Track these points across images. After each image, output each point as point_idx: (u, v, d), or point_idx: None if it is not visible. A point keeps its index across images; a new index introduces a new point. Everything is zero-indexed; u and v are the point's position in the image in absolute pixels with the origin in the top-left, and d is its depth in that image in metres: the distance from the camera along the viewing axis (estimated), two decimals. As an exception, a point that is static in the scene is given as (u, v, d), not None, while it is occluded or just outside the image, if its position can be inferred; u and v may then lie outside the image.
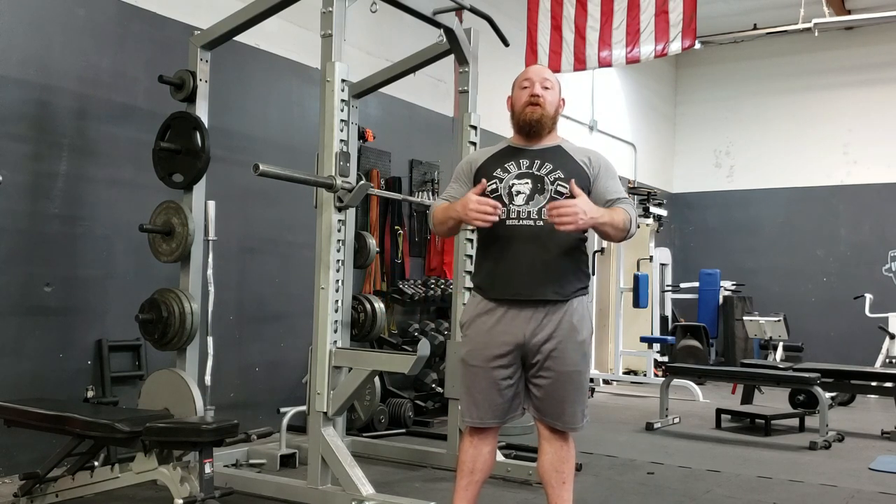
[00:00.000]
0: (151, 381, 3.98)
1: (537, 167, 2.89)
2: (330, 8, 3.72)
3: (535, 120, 2.92)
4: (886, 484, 4.52)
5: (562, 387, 2.83)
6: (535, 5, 7.44)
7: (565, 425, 2.87)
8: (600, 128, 10.04)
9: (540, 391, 2.85)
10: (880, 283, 10.38)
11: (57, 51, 4.28)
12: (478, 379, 2.86)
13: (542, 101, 2.92)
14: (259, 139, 5.40)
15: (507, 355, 2.82)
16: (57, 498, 3.57)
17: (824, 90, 11.09)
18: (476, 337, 2.89)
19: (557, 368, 2.81)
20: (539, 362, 2.82)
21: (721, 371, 7.60)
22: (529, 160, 2.91)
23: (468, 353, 2.91)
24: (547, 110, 2.94)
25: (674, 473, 4.69)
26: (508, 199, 2.86)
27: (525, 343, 2.81)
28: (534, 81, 2.95)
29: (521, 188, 2.86)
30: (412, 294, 6.25)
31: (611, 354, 9.37)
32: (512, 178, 2.88)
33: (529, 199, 2.84)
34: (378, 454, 4.78)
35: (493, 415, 2.87)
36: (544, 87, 2.95)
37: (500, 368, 2.83)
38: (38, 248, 4.16)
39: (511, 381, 2.85)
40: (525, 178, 2.87)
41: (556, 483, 2.88)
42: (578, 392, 2.87)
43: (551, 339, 2.81)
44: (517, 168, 2.91)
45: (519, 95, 2.98)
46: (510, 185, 2.87)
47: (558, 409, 2.85)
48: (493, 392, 2.85)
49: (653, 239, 9.31)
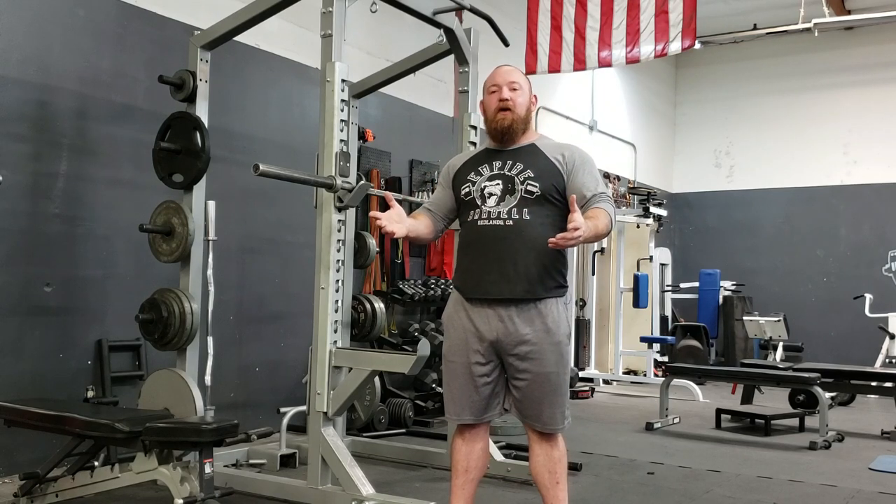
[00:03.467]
0: (151, 381, 3.98)
1: (508, 168, 2.92)
2: (330, 8, 3.72)
3: (506, 127, 2.96)
4: (886, 484, 4.52)
5: (538, 388, 2.85)
6: (535, 5, 7.44)
7: (544, 426, 2.89)
8: (600, 128, 10.04)
9: (518, 392, 2.88)
10: (880, 283, 10.38)
11: (57, 51, 4.28)
12: (456, 375, 2.92)
13: (512, 104, 2.95)
14: (259, 139, 5.40)
15: (482, 353, 2.86)
16: (57, 498, 3.57)
17: (824, 90, 11.08)
18: (453, 334, 2.95)
19: (534, 370, 2.84)
20: (515, 364, 2.85)
21: (721, 371, 7.60)
22: (502, 161, 2.96)
23: (447, 349, 2.98)
24: (518, 113, 2.96)
25: (674, 473, 4.69)
26: (481, 200, 2.91)
27: (497, 341, 2.84)
28: (500, 86, 2.98)
29: (493, 189, 2.91)
30: (412, 294, 6.24)
31: (611, 354, 9.37)
32: (484, 180, 2.94)
33: (500, 199, 2.88)
34: (378, 454, 4.78)
35: (470, 411, 2.91)
36: (512, 90, 2.97)
37: (476, 365, 2.87)
38: (38, 248, 4.16)
39: (488, 379, 2.89)
40: (496, 180, 2.92)
41: (550, 484, 2.90)
42: (556, 394, 2.88)
43: (526, 341, 2.82)
44: (490, 170, 2.95)
45: (489, 101, 3.01)
46: (482, 188, 2.92)
47: (536, 410, 2.87)
48: (470, 388, 2.89)
49: (653, 239, 9.31)
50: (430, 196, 3.18)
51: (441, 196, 3.09)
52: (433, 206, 3.11)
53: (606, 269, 9.72)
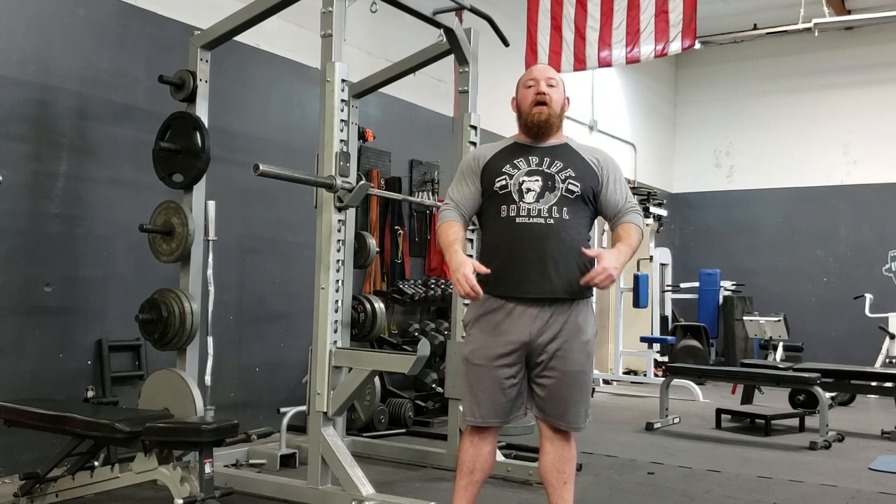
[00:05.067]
0: (151, 381, 3.98)
1: (547, 165, 2.87)
2: (330, 8, 3.72)
3: (542, 121, 2.91)
4: (886, 484, 4.52)
5: (566, 386, 2.82)
6: (535, 5, 7.44)
7: (568, 425, 2.86)
8: (600, 128, 10.04)
9: (544, 391, 2.84)
10: (880, 283, 10.37)
11: (57, 51, 4.27)
12: (481, 378, 2.85)
13: (549, 98, 2.91)
14: (259, 139, 5.40)
15: (511, 354, 2.81)
16: (57, 498, 3.57)
17: (824, 90, 11.08)
18: (481, 335, 2.87)
19: (562, 368, 2.81)
20: (544, 362, 2.81)
21: (721, 371, 7.59)
22: (539, 157, 2.89)
23: (472, 351, 2.88)
24: (553, 109, 2.92)
25: (674, 473, 4.69)
26: (518, 196, 2.83)
27: (530, 342, 2.80)
28: (538, 80, 2.93)
29: (532, 185, 2.83)
30: (412, 294, 6.24)
31: (611, 354, 9.37)
32: (522, 174, 2.86)
33: (539, 196, 2.82)
34: (378, 454, 4.77)
35: (495, 414, 2.86)
36: (549, 86, 2.93)
37: (504, 367, 2.82)
38: (38, 248, 4.16)
39: (515, 381, 2.84)
40: (535, 176, 2.85)
41: (558, 483, 2.88)
42: (582, 392, 2.87)
43: (557, 338, 2.80)
44: (527, 165, 2.88)
45: (524, 95, 2.95)
46: (520, 182, 2.85)
47: (562, 408, 2.84)
48: (497, 391, 2.83)
49: (653, 239, 9.31)
50: (450, 189, 3.00)
51: (468, 191, 2.95)
52: (462, 205, 2.95)
53: (606, 269, 9.70)
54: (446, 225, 2.91)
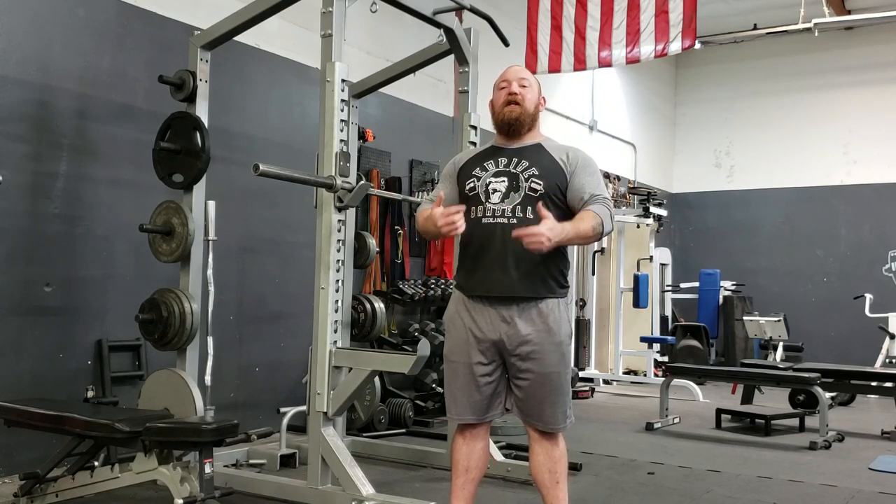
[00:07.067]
0: (151, 381, 3.98)
1: (514, 165, 2.92)
2: (330, 8, 3.72)
3: (513, 118, 2.96)
4: (886, 484, 4.52)
5: (540, 388, 2.86)
6: (535, 5, 7.44)
7: (546, 426, 2.89)
8: (600, 128, 10.04)
9: (521, 392, 2.89)
10: (880, 283, 10.37)
11: (57, 51, 4.28)
12: (457, 375, 2.92)
13: (521, 98, 2.97)
14: (259, 139, 5.40)
15: (484, 352, 2.87)
16: (57, 498, 3.57)
17: (824, 90, 11.08)
18: (455, 333, 2.94)
19: (536, 370, 2.85)
20: (517, 364, 2.85)
21: (721, 371, 7.60)
22: (507, 158, 2.95)
23: (449, 349, 2.97)
24: (525, 108, 2.97)
25: (674, 473, 4.69)
26: (485, 197, 2.90)
27: (500, 340, 2.84)
28: (510, 81, 3.00)
29: (498, 186, 2.90)
30: (412, 294, 6.24)
31: (611, 354, 9.37)
32: (489, 176, 2.93)
33: (504, 196, 2.88)
34: (378, 454, 4.78)
35: (471, 411, 2.91)
36: (522, 86, 2.99)
37: (478, 365, 2.88)
38: (38, 248, 4.16)
39: (490, 379, 2.89)
40: (501, 177, 2.91)
41: (550, 483, 2.90)
42: (557, 393, 2.89)
43: (528, 341, 2.83)
44: (495, 166, 2.95)
45: (497, 96, 3.03)
46: (487, 184, 2.92)
47: (538, 409, 2.88)
48: (472, 388, 2.89)
49: (653, 239, 9.31)
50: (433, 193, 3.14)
51: (447, 192, 3.04)
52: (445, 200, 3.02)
53: (606, 269, 9.72)
54: (422, 212, 3.01)
